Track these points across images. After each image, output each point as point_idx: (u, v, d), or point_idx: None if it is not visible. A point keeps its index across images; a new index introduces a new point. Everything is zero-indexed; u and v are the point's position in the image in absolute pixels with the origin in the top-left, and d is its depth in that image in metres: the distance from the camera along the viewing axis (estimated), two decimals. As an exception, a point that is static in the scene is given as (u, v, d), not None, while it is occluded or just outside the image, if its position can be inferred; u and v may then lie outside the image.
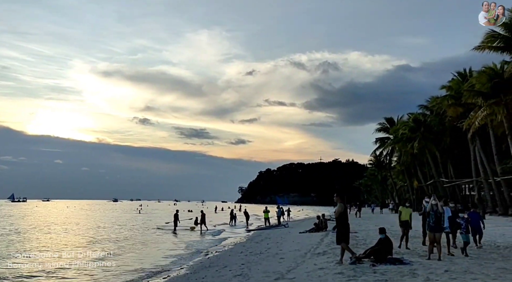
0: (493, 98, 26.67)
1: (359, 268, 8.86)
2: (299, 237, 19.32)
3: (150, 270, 12.62)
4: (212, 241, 21.69)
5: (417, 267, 8.68)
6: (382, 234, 10.21)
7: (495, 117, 27.27)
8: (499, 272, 8.06)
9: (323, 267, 9.30)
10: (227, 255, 14.79)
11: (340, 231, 9.64)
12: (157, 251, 17.20)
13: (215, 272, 10.71)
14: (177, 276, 10.94)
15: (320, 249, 13.26)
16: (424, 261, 9.64)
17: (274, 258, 12.30)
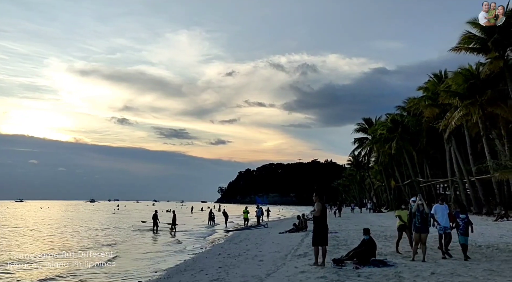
0: (469, 99, 26.80)
1: (342, 272, 8.36)
2: (279, 237, 18.79)
3: (122, 274, 11.82)
4: (189, 242, 20.89)
5: (402, 270, 8.24)
6: (366, 235, 9.76)
7: (470, 117, 27.42)
8: (486, 274, 7.69)
9: (304, 270, 8.76)
10: (203, 258, 14.10)
11: (317, 232, 9.10)
12: (130, 253, 16.31)
13: (190, 277, 10.02)
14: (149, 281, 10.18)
15: (300, 250, 12.74)
16: (409, 262, 9.22)
17: (253, 260, 11.71)
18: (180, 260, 14.19)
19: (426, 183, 41.34)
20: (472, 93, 26.65)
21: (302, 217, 21.65)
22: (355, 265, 8.93)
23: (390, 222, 25.78)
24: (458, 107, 27.47)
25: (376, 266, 8.77)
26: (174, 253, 16.73)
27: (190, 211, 70.65)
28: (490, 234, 16.10)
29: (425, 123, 37.73)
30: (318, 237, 9.14)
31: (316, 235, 9.13)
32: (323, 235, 9.15)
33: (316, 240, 9.16)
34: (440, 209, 10.24)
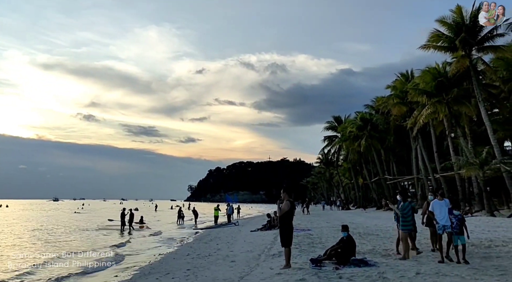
0: (436, 97, 27.01)
1: (322, 273, 7.64)
2: (250, 236, 17.99)
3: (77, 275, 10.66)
4: (156, 242, 19.70)
5: (385, 270, 7.60)
6: (345, 232, 9.08)
7: (437, 115, 27.65)
8: (471, 273, 7.16)
9: (280, 273, 7.98)
10: (171, 259, 13.10)
11: (285, 232, 8.31)
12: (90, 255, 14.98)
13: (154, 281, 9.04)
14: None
15: (274, 250, 11.96)
16: (390, 262, 8.62)
17: (225, 261, 10.85)
18: (145, 262, 13.12)
19: (393, 181, 41.77)
20: (440, 91, 26.89)
21: (274, 214, 20.93)
22: (334, 265, 8.24)
23: (361, 219, 25.61)
24: (426, 105, 27.61)
25: (357, 266, 8.11)
26: (138, 253, 15.58)
27: (154, 210, 68.68)
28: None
29: (393, 122, 38.07)
30: (290, 237, 8.38)
31: (287, 234, 8.35)
32: (291, 235, 8.43)
33: (289, 240, 8.41)
34: (438, 205, 8.70)
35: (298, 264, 8.83)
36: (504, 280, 6.57)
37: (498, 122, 26.50)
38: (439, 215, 8.53)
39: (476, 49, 24.86)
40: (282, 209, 8.32)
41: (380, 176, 42.87)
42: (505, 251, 9.59)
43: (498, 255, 9.04)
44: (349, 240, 8.92)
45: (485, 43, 24.46)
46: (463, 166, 22.98)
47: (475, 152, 23.65)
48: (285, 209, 8.29)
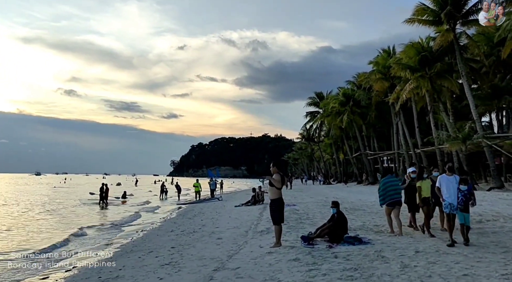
0: (420, 71, 26.55)
1: (316, 252, 7.06)
2: (235, 211, 17.41)
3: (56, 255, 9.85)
4: (138, 218, 18.93)
5: (381, 248, 7.08)
6: (335, 208, 8.49)
7: (420, 90, 27.27)
8: (473, 251, 6.72)
9: (271, 251, 7.37)
10: (154, 235, 12.38)
11: (277, 208, 7.71)
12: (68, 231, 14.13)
13: (137, 260, 8.31)
14: (87, 267, 8.33)
15: (261, 226, 11.39)
16: (384, 238, 8.13)
17: (211, 238, 10.20)
18: (127, 239, 12.38)
19: (374, 156, 41.81)
20: (423, 66, 26.45)
21: (259, 189, 20.38)
22: (328, 243, 7.68)
23: (344, 194, 25.39)
24: (409, 80, 27.14)
25: (351, 244, 7.57)
26: (121, 229, 14.82)
27: (134, 184, 67.53)
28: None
29: (374, 97, 37.67)
30: (282, 214, 7.80)
31: (280, 211, 7.74)
32: (283, 212, 7.86)
33: (281, 217, 7.79)
34: (445, 180, 7.53)
35: (289, 241, 8.27)
36: (510, 257, 6.11)
37: (479, 96, 26.34)
38: (446, 192, 7.41)
39: (460, 23, 24.29)
40: (276, 180, 7.64)
41: (361, 152, 42.84)
42: (498, 226, 9.24)
43: (493, 231, 8.67)
44: (341, 217, 8.36)
45: (470, 17, 23.90)
46: (446, 141, 22.77)
47: (457, 127, 23.46)
48: (278, 182, 7.65)
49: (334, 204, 8.53)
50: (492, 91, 26.29)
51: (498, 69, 27.33)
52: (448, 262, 5.83)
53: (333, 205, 8.51)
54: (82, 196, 32.09)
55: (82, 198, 30.00)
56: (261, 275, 5.73)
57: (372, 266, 5.80)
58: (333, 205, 8.50)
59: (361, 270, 5.61)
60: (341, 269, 5.74)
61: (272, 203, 7.84)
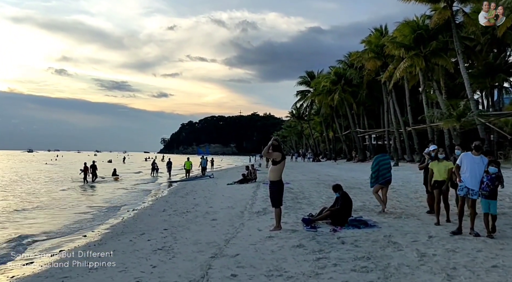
0: (414, 50, 25.79)
1: (320, 236, 6.46)
2: (228, 189, 16.76)
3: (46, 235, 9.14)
4: (130, 196, 18.22)
5: (390, 232, 6.50)
6: (338, 192, 7.85)
7: (414, 69, 26.58)
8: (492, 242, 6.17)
9: (272, 236, 6.75)
10: (146, 215, 11.69)
11: (277, 190, 7.11)
12: (59, 211, 13.39)
13: (128, 244, 7.60)
14: (74, 249, 7.62)
15: (257, 206, 10.77)
16: (390, 221, 7.58)
17: (205, 219, 9.54)
18: (118, 219, 11.68)
19: (363, 134, 41.43)
20: (418, 44, 25.68)
21: (251, 167, 19.75)
22: (331, 227, 7.08)
23: (336, 172, 24.95)
24: (404, 58, 26.38)
25: (357, 228, 7.00)
26: (111, 208, 14.11)
27: (123, 161, 66.42)
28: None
29: (366, 76, 36.94)
30: (281, 196, 7.21)
31: (279, 193, 7.13)
32: (282, 193, 7.27)
33: (280, 199, 7.20)
34: (469, 160, 6.26)
35: (289, 224, 7.67)
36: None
37: (473, 75, 25.77)
38: (468, 173, 6.21)
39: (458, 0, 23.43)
40: (274, 155, 7.00)
41: (351, 130, 42.39)
42: (507, 206, 8.73)
43: (503, 212, 8.14)
44: (345, 199, 7.74)
45: (467, -6, 23.05)
46: (439, 119, 22.30)
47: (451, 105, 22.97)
48: (278, 158, 7.02)
49: (335, 188, 7.88)
50: (485, 69, 25.74)
51: (492, 47, 26.72)
52: (469, 250, 5.27)
53: (335, 189, 7.87)
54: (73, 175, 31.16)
55: (74, 176, 29.09)
56: (264, 265, 5.10)
57: (385, 255, 5.22)
58: (335, 190, 7.86)
59: (374, 259, 5.02)
60: (352, 258, 5.13)
61: (273, 185, 7.18)
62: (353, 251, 5.45)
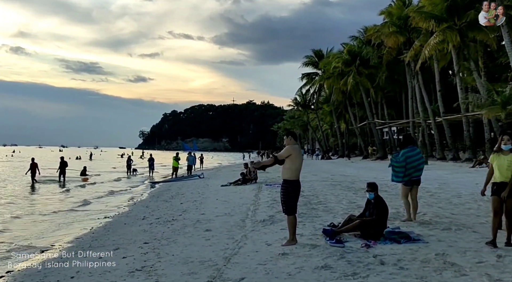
0: (447, 22, 25.17)
1: (350, 254, 5.80)
2: (222, 192, 16.12)
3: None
4: (101, 200, 17.52)
5: (443, 249, 5.84)
6: (372, 192, 7.19)
7: (447, 45, 25.96)
8: None
9: (286, 253, 6.09)
10: (120, 224, 11.04)
11: (291, 194, 6.56)
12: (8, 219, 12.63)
13: (97, 263, 6.89)
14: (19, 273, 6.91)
15: (262, 213, 10.13)
16: (437, 233, 6.95)
17: (196, 229, 8.87)
18: (85, 228, 10.99)
19: (383, 126, 40.91)
20: (451, 15, 25.11)
21: (251, 164, 19.09)
22: (363, 241, 6.42)
23: (353, 171, 24.40)
24: (433, 32, 25.75)
25: (396, 242, 6.34)
26: (77, 215, 13.43)
27: (89, 158, 65.55)
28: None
29: (386, 55, 36.30)
30: (296, 200, 6.63)
31: (294, 197, 6.57)
32: (298, 198, 6.73)
33: (295, 205, 6.61)
34: None
35: (305, 236, 7.04)
36: None
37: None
38: None
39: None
40: (279, 155, 6.58)
41: (368, 120, 41.81)
42: None
43: None
44: (380, 204, 7.08)
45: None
46: (480, 106, 21.75)
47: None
48: (284, 155, 6.48)
49: (370, 187, 7.20)
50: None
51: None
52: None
53: (370, 188, 7.20)
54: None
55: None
56: (281, 295, 4.44)
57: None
58: (370, 189, 7.19)
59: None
60: (399, 284, 4.47)
61: (287, 185, 6.55)
62: (399, 276, 4.79)
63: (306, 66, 51.94)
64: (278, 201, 12.00)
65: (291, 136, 6.74)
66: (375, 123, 40.87)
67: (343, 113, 50.70)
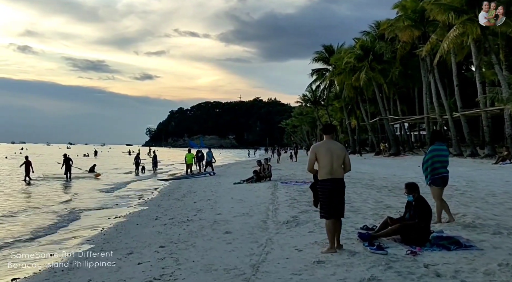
0: (467, 13, 24.29)
1: (397, 263, 5.11)
2: (236, 190, 15.49)
3: None
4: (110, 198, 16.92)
5: (506, 259, 5.12)
6: (411, 194, 6.47)
7: (467, 38, 25.07)
8: None
9: (322, 261, 5.42)
10: (133, 225, 10.41)
11: (323, 195, 5.86)
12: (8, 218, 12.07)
13: (109, 271, 6.28)
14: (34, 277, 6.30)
15: (283, 213, 9.46)
16: (490, 238, 6.20)
17: (215, 232, 8.21)
18: (96, 229, 10.39)
19: (397, 121, 40.04)
20: (472, 6, 24.16)
21: (265, 162, 18.43)
22: (408, 249, 5.72)
23: (368, 168, 23.62)
24: (452, 25, 24.87)
25: (445, 249, 5.64)
26: (86, 214, 12.85)
27: (94, 155, 65.25)
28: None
29: (400, 50, 35.45)
30: (334, 202, 5.79)
31: (323, 199, 5.83)
32: (341, 199, 5.86)
33: (325, 208, 5.84)
34: None
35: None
36: None
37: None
38: None
39: None
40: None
41: (381, 116, 40.94)
42: None
43: None
44: (423, 206, 6.36)
45: None
46: (504, 101, 20.91)
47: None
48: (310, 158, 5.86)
49: (409, 188, 6.46)
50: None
51: None
52: None
53: (409, 190, 6.46)
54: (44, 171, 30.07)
55: (46, 172, 28.17)
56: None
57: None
58: (409, 191, 6.45)
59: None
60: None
61: (318, 185, 5.90)
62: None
63: (316, 62, 51.14)
64: (298, 200, 11.47)
65: (328, 129, 6.16)
66: (388, 119, 40.00)
67: (354, 109, 49.87)
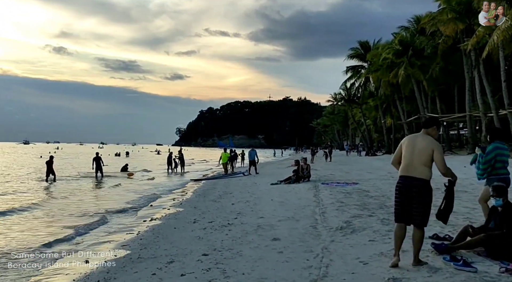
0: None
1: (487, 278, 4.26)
2: (275, 191, 14.75)
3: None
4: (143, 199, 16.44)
5: None
6: (500, 198, 5.58)
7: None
8: None
9: (397, 278, 4.62)
10: (170, 228, 9.79)
11: (396, 193, 5.15)
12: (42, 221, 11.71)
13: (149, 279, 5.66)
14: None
15: (333, 217, 8.70)
16: None
17: (261, 238, 7.50)
18: (131, 232, 9.86)
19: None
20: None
21: (303, 161, 17.64)
22: (497, 263, 4.85)
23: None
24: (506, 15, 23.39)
25: (546, 265, 4.74)
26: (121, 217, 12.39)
27: (126, 155, 65.28)
28: None
29: (442, 45, 33.90)
30: (404, 204, 5.06)
31: (399, 199, 5.13)
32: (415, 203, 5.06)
33: (395, 210, 5.15)
34: None
35: (408, 251, 5.47)
36: None
37: None
38: None
39: None
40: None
41: (419, 115, 39.37)
42: None
43: None
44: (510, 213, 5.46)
45: None
46: None
47: None
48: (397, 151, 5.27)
49: (498, 192, 5.57)
50: None
51: None
52: None
53: (496, 192, 5.58)
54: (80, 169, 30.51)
55: (81, 170, 29.15)
56: None
57: None
58: (497, 193, 5.57)
59: None
60: None
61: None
62: None
63: (351, 58, 49.94)
64: (346, 203, 10.64)
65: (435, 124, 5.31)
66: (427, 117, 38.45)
67: (390, 107, 48.35)
